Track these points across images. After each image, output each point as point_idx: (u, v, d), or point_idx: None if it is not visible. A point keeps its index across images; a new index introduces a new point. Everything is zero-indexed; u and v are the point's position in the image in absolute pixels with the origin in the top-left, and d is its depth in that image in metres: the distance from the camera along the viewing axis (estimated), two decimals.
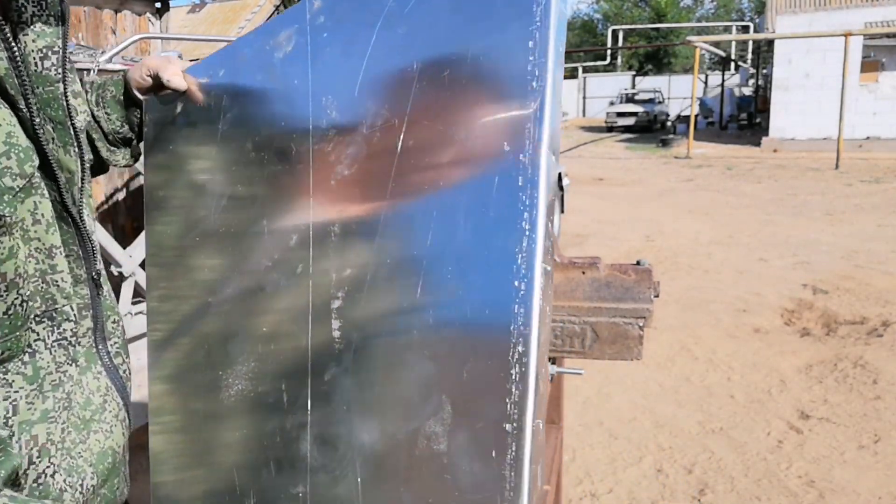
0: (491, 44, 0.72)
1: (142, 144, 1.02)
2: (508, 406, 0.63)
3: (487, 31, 0.73)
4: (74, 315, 0.74)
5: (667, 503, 2.66)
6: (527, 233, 0.67)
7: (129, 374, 0.86)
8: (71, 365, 0.74)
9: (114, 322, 0.85)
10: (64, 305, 0.72)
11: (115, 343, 0.85)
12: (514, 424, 0.64)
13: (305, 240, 0.76)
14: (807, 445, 3.03)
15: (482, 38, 0.73)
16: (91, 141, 1.00)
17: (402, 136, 0.73)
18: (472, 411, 0.66)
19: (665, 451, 3.04)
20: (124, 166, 1.06)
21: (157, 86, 0.96)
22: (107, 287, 0.85)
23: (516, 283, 0.66)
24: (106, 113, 0.99)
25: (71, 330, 0.74)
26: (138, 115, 1.00)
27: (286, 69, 0.82)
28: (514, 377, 0.63)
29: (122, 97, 0.99)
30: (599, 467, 2.92)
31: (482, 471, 0.64)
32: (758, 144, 18.48)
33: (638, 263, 1.21)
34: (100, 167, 1.05)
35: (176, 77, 0.92)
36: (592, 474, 2.86)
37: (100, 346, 0.81)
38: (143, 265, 3.71)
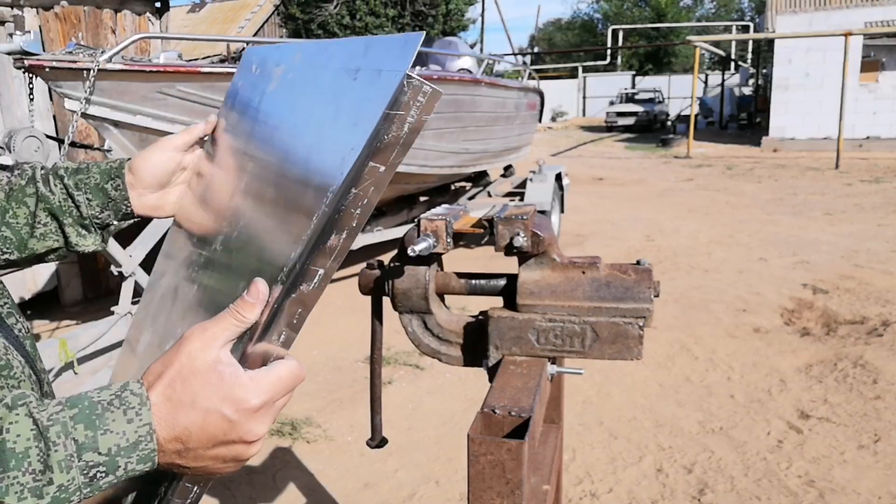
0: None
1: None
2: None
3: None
4: None
5: (667, 503, 2.66)
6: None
7: (28, 331, 0.82)
8: None
9: None
10: None
11: (6, 304, 0.81)
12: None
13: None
14: (807, 445, 3.03)
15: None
16: (59, 225, 0.96)
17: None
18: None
19: (665, 450, 3.03)
20: (90, 252, 1.02)
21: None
22: None
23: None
24: (87, 198, 0.96)
25: None
26: (127, 206, 0.98)
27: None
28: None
29: (109, 186, 0.96)
30: (599, 467, 2.91)
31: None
32: (758, 144, 18.48)
33: (638, 263, 1.21)
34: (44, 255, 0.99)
35: None
36: (592, 474, 2.86)
37: None
38: (143, 265, 3.71)
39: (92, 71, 3.45)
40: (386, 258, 1.27)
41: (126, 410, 0.56)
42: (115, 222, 1.01)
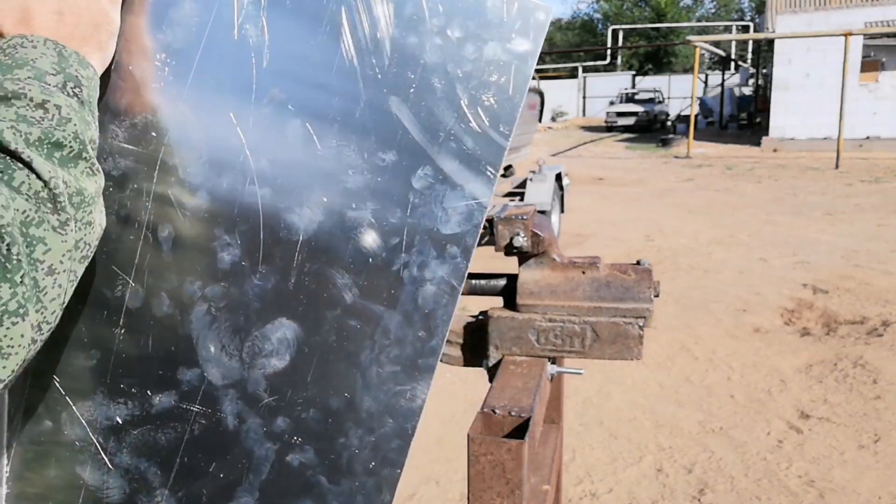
0: None
1: None
2: None
3: None
4: None
5: (667, 503, 2.66)
6: None
7: None
8: None
9: None
10: None
11: None
12: None
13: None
14: (807, 445, 3.03)
15: None
16: None
17: None
18: None
19: (665, 451, 3.04)
20: None
21: None
22: None
23: None
24: None
25: None
26: None
27: None
28: None
29: None
30: (599, 467, 2.92)
31: None
32: (758, 144, 18.49)
33: (638, 263, 1.21)
34: None
35: None
36: (592, 474, 2.86)
37: None
38: None
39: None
40: None
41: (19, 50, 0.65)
42: None
